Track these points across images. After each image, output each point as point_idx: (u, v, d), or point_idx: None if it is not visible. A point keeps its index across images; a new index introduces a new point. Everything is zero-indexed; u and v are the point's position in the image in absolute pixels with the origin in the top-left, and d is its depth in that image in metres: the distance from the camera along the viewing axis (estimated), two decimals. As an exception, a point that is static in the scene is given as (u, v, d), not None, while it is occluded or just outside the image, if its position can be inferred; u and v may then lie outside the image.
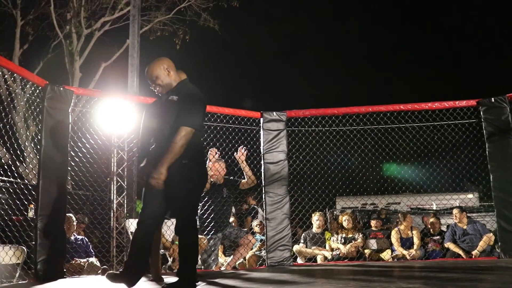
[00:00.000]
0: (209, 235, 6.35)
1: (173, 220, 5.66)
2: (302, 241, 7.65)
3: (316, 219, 7.73)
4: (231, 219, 7.16)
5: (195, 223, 3.82)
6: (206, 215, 6.41)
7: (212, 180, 6.46)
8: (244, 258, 7.02)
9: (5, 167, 5.72)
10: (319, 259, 7.36)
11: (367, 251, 7.53)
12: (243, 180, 6.63)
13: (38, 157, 5.31)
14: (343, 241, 7.61)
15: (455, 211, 7.62)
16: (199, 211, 6.55)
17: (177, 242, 5.61)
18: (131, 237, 6.28)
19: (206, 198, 6.45)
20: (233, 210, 8.05)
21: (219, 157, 6.47)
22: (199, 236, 6.33)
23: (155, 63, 3.90)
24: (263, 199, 6.57)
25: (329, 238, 7.68)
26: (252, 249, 7.10)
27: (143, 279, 5.00)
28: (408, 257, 7.25)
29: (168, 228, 6.33)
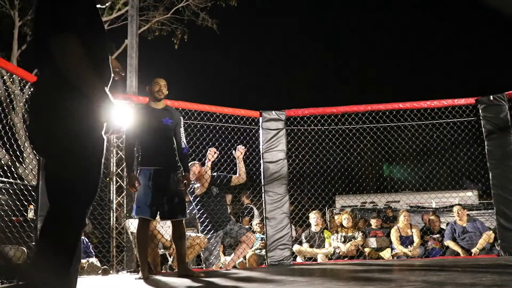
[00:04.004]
0: (209, 234, 6.35)
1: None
2: (304, 240, 7.63)
3: (313, 217, 7.71)
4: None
5: None
6: (203, 218, 6.42)
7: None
8: (244, 257, 7.02)
9: (5, 168, 5.71)
10: (320, 258, 7.36)
11: (367, 250, 7.54)
12: (234, 176, 6.64)
13: (37, 158, 5.32)
14: (343, 239, 7.61)
15: (456, 208, 7.60)
16: (197, 213, 6.56)
17: None
18: (131, 237, 6.30)
19: (198, 199, 6.46)
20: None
21: (218, 156, 6.47)
22: (198, 234, 6.35)
23: None
24: (263, 199, 6.58)
25: (328, 237, 7.68)
26: (252, 247, 7.10)
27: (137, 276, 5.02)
28: (408, 255, 7.25)
29: (169, 227, 6.33)
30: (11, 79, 12.47)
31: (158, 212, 5.02)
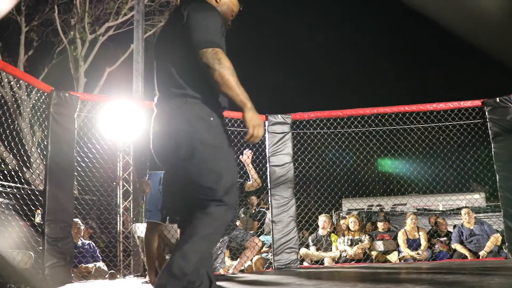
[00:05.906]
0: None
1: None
2: (311, 244, 7.62)
3: (322, 220, 7.70)
4: (237, 222, 7.17)
5: None
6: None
7: None
8: (251, 261, 7.02)
9: (12, 173, 5.74)
10: (326, 261, 7.35)
11: (374, 253, 7.52)
12: (248, 182, 6.64)
13: (44, 162, 5.34)
14: (349, 243, 7.60)
15: (465, 210, 7.55)
16: None
17: None
18: (137, 241, 6.30)
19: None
20: (241, 212, 8.05)
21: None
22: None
23: None
24: (269, 202, 6.58)
25: (335, 240, 7.67)
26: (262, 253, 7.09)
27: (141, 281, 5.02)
28: (415, 259, 7.23)
29: (176, 231, 6.34)
30: (18, 85, 12.55)
31: (168, 216, 5.02)
